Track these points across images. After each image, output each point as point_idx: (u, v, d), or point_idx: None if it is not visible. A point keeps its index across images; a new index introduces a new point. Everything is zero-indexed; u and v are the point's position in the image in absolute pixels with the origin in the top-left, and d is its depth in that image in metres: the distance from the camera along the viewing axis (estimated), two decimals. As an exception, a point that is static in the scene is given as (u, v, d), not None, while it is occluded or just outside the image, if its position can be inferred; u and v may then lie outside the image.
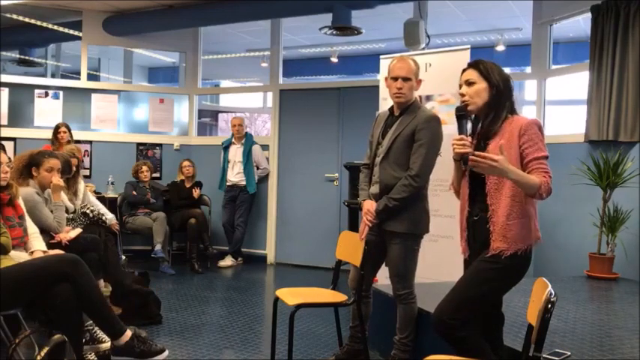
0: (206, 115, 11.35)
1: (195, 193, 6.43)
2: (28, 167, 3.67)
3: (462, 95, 2.31)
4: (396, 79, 2.95)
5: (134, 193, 6.22)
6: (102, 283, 3.80)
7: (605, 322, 3.17)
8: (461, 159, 2.30)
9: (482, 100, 2.28)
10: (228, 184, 6.47)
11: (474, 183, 2.32)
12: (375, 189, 3.02)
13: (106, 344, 3.09)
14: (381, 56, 4.72)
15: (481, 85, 2.28)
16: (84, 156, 6.39)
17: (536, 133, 2.20)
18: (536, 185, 2.11)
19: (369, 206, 2.98)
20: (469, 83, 2.30)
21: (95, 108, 6.90)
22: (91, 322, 3.12)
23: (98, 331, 3.16)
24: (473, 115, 2.35)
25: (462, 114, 2.30)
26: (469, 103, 2.30)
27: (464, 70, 2.36)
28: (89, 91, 6.91)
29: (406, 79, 2.93)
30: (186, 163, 6.55)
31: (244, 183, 6.42)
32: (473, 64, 2.34)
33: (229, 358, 3.46)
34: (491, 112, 2.28)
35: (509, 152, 2.15)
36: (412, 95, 2.98)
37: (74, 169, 4.86)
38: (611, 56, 4.54)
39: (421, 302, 3.04)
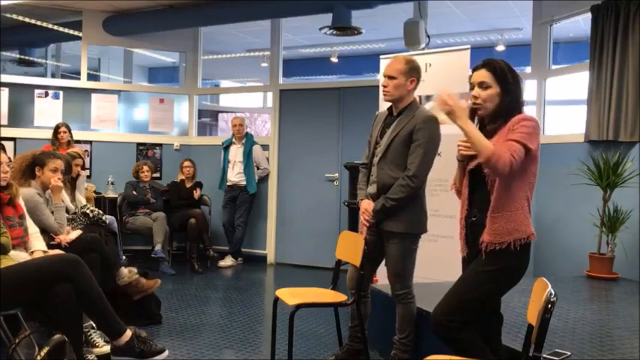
0: (206, 115, 11.34)
1: (196, 194, 6.44)
2: (31, 167, 3.66)
3: (475, 97, 2.24)
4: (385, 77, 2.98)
5: (134, 193, 6.23)
6: (125, 270, 3.76)
7: (605, 322, 3.18)
8: (464, 160, 2.30)
9: (493, 104, 2.23)
10: (228, 184, 6.48)
11: (474, 183, 2.32)
12: (372, 189, 3.02)
13: (100, 349, 3.10)
14: (381, 56, 4.73)
15: (495, 89, 2.22)
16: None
17: (524, 125, 2.14)
18: (489, 149, 2.05)
19: (367, 206, 2.99)
20: (484, 86, 2.23)
21: (95, 108, 6.90)
22: (87, 324, 3.12)
23: (94, 335, 3.16)
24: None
25: (471, 116, 2.26)
26: (480, 108, 2.24)
27: (477, 68, 2.29)
28: (89, 91, 6.91)
29: (391, 78, 2.93)
30: (186, 163, 6.55)
31: (244, 183, 6.42)
32: (488, 65, 2.25)
33: (229, 358, 3.46)
34: (501, 117, 2.23)
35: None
36: (400, 93, 2.94)
37: (79, 169, 4.89)
38: (611, 56, 4.54)
39: (421, 302, 3.04)
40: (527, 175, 2.21)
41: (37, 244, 3.23)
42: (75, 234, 3.77)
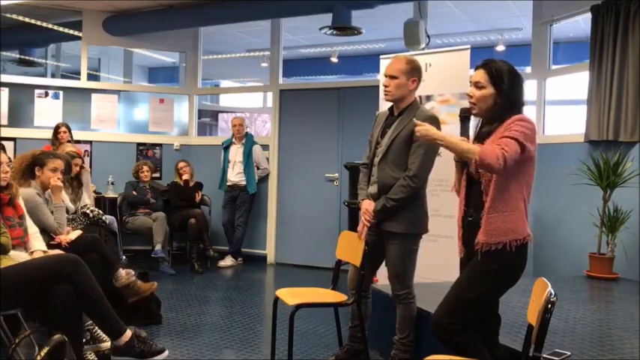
0: (206, 115, 11.35)
1: (198, 196, 6.44)
2: (31, 167, 3.66)
3: (470, 96, 2.26)
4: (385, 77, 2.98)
5: (134, 193, 6.23)
6: (123, 272, 3.76)
7: (605, 322, 3.18)
8: (460, 160, 2.30)
9: (486, 105, 2.24)
10: (228, 184, 6.48)
11: (471, 183, 2.32)
12: (373, 189, 3.02)
13: (107, 343, 3.08)
14: (381, 56, 4.73)
15: (489, 90, 2.22)
16: (84, 156, 6.39)
17: (519, 124, 2.14)
18: (472, 151, 2.08)
19: (368, 206, 2.98)
20: (478, 86, 2.24)
21: (95, 108, 6.90)
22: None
23: (98, 330, 3.15)
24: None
25: (466, 115, 2.28)
26: (473, 107, 2.26)
27: (477, 67, 2.30)
28: (89, 91, 6.91)
29: (392, 77, 2.93)
30: (181, 164, 6.52)
31: (244, 183, 6.42)
32: (486, 65, 2.26)
33: (229, 358, 3.46)
34: (496, 119, 2.23)
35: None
36: (401, 93, 2.94)
37: (78, 169, 4.88)
38: (611, 56, 4.53)
39: (421, 302, 3.04)
40: (524, 175, 2.21)
41: (37, 244, 3.23)
42: (75, 234, 3.78)
